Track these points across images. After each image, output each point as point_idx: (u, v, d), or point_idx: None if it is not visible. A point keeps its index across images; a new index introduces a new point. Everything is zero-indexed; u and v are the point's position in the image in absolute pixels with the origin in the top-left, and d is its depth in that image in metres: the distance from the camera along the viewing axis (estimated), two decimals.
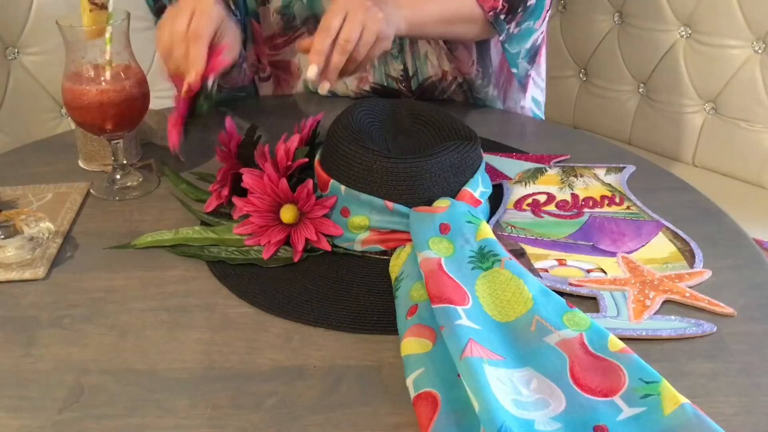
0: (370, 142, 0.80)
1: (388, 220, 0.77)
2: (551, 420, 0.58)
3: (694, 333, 0.68)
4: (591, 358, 0.62)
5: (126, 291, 0.75)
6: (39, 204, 0.90)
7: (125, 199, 0.92)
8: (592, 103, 1.69)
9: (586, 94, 1.69)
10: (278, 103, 1.24)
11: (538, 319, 0.66)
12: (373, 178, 0.77)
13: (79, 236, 0.84)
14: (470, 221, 0.75)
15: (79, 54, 0.86)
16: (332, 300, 0.73)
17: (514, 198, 0.89)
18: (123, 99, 0.86)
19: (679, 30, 1.50)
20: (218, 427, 0.59)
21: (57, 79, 0.89)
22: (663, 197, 0.89)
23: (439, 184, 0.77)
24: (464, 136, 0.82)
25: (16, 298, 0.74)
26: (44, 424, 0.60)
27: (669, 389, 0.59)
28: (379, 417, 0.60)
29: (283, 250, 0.79)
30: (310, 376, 0.64)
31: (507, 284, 0.69)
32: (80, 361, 0.66)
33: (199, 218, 0.86)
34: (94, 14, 0.85)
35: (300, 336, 0.69)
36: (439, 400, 0.59)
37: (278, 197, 0.78)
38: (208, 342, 0.68)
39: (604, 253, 0.79)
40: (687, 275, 0.74)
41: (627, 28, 1.58)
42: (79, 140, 0.99)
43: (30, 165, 1.01)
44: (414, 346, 0.64)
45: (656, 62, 1.55)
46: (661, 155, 1.58)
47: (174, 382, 0.64)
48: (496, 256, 0.71)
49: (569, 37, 1.68)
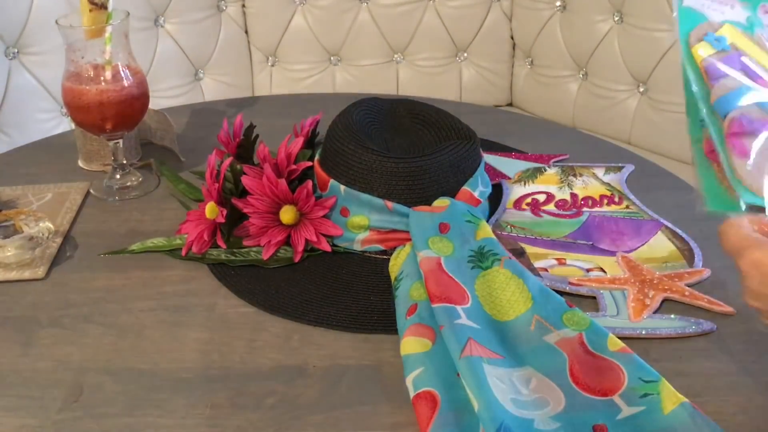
0: (370, 141, 0.80)
1: (387, 219, 0.77)
2: (551, 419, 0.58)
3: (693, 332, 0.68)
4: (590, 357, 0.62)
5: (126, 291, 0.75)
6: (39, 204, 0.90)
7: (125, 199, 0.92)
8: (592, 103, 1.69)
9: (586, 94, 1.69)
10: (277, 103, 1.24)
11: (537, 318, 0.66)
12: (372, 178, 0.77)
13: (78, 236, 0.85)
14: (470, 221, 0.75)
15: (79, 54, 0.86)
16: (332, 300, 0.73)
17: (514, 197, 0.89)
18: (123, 99, 0.86)
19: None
20: (217, 426, 0.59)
21: (57, 79, 0.89)
22: (662, 197, 0.89)
23: (438, 184, 0.77)
24: (464, 135, 0.82)
25: (16, 298, 0.75)
26: (44, 424, 0.60)
27: (668, 388, 0.59)
28: (379, 416, 0.60)
29: (283, 251, 0.79)
30: (310, 376, 0.64)
31: (507, 283, 0.68)
32: (80, 361, 0.66)
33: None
34: (94, 14, 0.85)
35: (300, 336, 0.69)
36: (439, 400, 0.59)
37: (278, 198, 0.78)
38: (208, 342, 0.68)
39: (604, 253, 0.79)
40: (686, 274, 0.74)
41: (627, 27, 1.58)
42: (79, 140, 0.99)
43: (30, 165, 1.01)
44: (414, 345, 0.64)
45: (656, 62, 1.55)
46: (661, 155, 1.58)
47: (173, 382, 0.64)
48: (496, 255, 0.71)
49: (569, 37, 1.68)
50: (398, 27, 1.74)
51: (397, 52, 1.77)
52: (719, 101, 0.71)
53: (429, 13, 1.73)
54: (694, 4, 0.79)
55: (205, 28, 1.68)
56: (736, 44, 0.76)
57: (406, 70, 1.79)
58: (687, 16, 0.80)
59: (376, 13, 1.72)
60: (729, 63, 0.75)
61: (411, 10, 1.72)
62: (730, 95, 0.71)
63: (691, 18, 0.79)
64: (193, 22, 1.66)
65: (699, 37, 0.77)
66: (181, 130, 1.10)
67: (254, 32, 1.74)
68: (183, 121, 1.14)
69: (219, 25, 1.70)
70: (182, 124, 1.13)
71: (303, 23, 1.73)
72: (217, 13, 1.70)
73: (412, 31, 1.74)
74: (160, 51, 1.64)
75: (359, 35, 1.74)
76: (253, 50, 1.76)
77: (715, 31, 0.77)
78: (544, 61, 1.74)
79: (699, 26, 0.78)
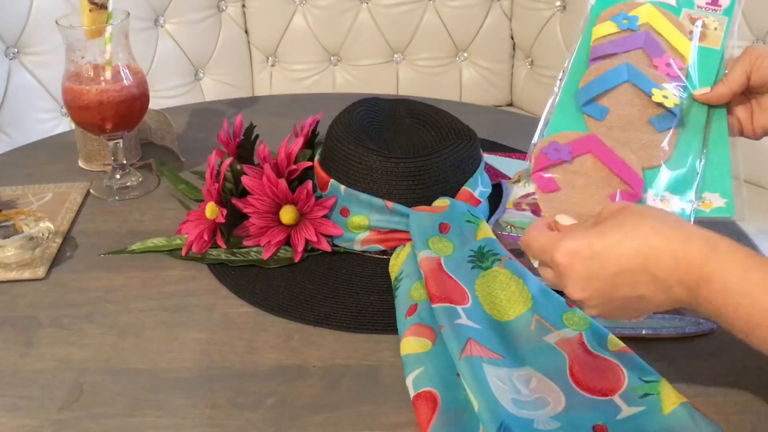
0: (370, 141, 0.80)
1: (387, 219, 0.77)
2: (551, 419, 0.58)
3: (693, 332, 0.68)
4: (590, 357, 0.62)
5: (125, 291, 0.75)
6: (39, 204, 0.90)
7: (125, 199, 0.92)
8: None
9: None
10: (277, 103, 1.24)
11: (537, 318, 0.66)
12: (372, 178, 0.77)
13: (78, 236, 0.85)
14: (470, 221, 0.75)
15: (79, 54, 0.86)
16: (332, 300, 0.73)
17: (514, 197, 0.89)
18: (123, 99, 0.86)
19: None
20: (217, 426, 0.59)
21: (57, 79, 0.89)
22: None
23: (438, 184, 0.77)
24: (464, 135, 0.82)
25: (16, 298, 0.74)
26: (43, 424, 0.60)
27: (668, 388, 0.59)
28: (379, 416, 0.60)
29: (283, 251, 0.79)
30: (310, 376, 0.64)
31: (507, 283, 0.68)
32: (80, 361, 0.66)
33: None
34: (94, 14, 0.85)
35: (300, 336, 0.69)
36: (439, 400, 0.59)
37: (278, 198, 0.78)
38: (208, 342, 0.68)
39: None
40: None
41: None
42: (79, 140, 0.99)
43: (30, 165, 1.01)
44: (413, 345, 0.64)
45: None
46: None
47: (173, 382, 0.64)
48: (496, 255, 0.71)
49: (569, 37, 1.68)
50: (398, 27, 1.74)
51: (397, 52, 1.77)
52: (585, 87, 0.72)
53: (429, 13, 1.73)
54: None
55: (205, 28, 1.68)
56: (651, 24, 0.76)
57: (406, 70, 1.79)
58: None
59: (376, 13, 1.72)
60: (625, 43, 0.75)
61: (411, 10, 1.72)
62: (594, 81, 0.72)
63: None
64: (193, 22, 1.66)
65: (608, 17, 0.77)
66: (181, 130, 1.10)
67: (254, 32, 1.74)
68: (183, 121, 1.14)
69: (219, 25, 1.70)
70: (182, 124, 1.13)
71: (303, 23, 1.73)
72: (217, 13, 1.70)
73: (412, 31, 1.74)
74: (160, 51, 1.64)
75: (359, 35, 1.74)
76: (253, 50, 1.76)
77: (630, 11, 0.76)
78: (544, 61, 1.74)
79: (615, 5, 0.78)
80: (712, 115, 0.71)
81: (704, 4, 0.76)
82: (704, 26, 0.75)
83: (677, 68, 0.72)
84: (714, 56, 0.73)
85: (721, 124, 0.70)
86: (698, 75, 0.72)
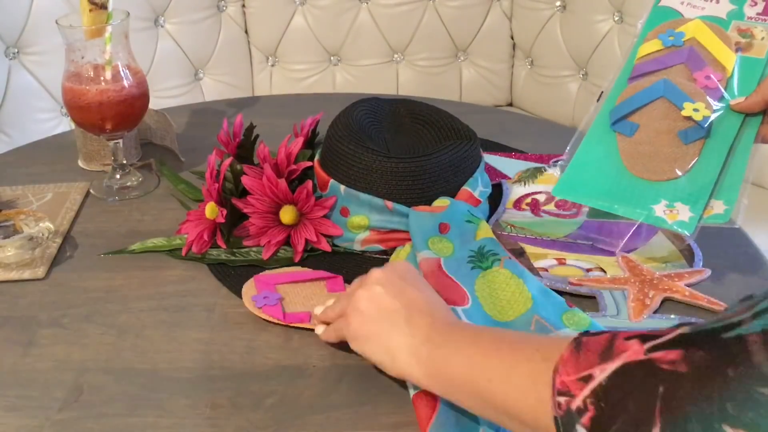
0: (370, 141, 0.80)
1: (387, 219, 0.77)
2: None
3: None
4: None
5: (125, 291, 0.75)
6: (39, 204, 0.90)
7: (125, 199, 0.92)
8: (592, 103, 1.69)
9: (586, 94, 1.69)
10: (277, 103, 1.24)
11: (537, 318, 0.66)
12: (372, 178, 0.77)
13: (78, 236, 0.85)
14: (470, 221, 0.75)
15: (79, 54, 0.86)
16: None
17: (514, 197, 0.89)
18: (123, 99, 0.86)
19: None
20: (217, 426, 0.59)
21: (57, 79, 0.89)
22: None
23: (438, 184, 0.77)
24: (463, 135, 0.82)
25: (16, 298, 0.75)
26: (44, 424, 0.60)
27: None
28: (379, 416, 0.60)
29: (283, 251, 0.79)
30: (310, 376, 0.64)
31: (506, 284, 0.68)
32: (80, 361, 0.66)
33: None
34: (94, 14, 0.85)
35: (300, 336, 0.69)
36: (439, 400, 0.59)
37: (278, 198, 0.78)
38: (208, 342, 0.68)
39: (604, 252, 0.79)
40: (686, 274, 0.74)
41: (627, 27, 1.58)
42: (78, 140, 0.99)
43: (30, 165, 1.01)
44: None
45: None
46: None
47: (173, 382, 0.64)
48: (496, 255, 0.71)
49: (569, 37, 1.68)
50: (398, 27, 1.74)
51: (397, 52, 1.77)
52: (618, 106, 0.74)
53: (429, 13, 1.73)
54: (671, 3, 0.79)
55: (205, 28, 1.68)
56: (697, 38, 0.76)
57: (406, 70, 1.79)
58: (659, 14, 0.80)
59: (376, 13, 1.72)
60: (668, 59, 0.76)
61: (411, 10, 1.72)
62: (627, 100, 0.73)
63: (662, 16, 0.80)
64: (193, 22, 1.66)
65: (655, 36, 0.78)
66: (181, 130, 1.10)
67: (254, 32, 1.74)
68: (183, 121, 1.14)
69: (219, 25, 1.70)
70: (182, 124, 1.13)
71: (303, 23, 1.73)
72: (217, 13, 1.70)
73: (412, 31, 1.74)
74: (160, 51, 1.64)
75: (359, 35, 1.74)
76: (253, 50, 1.76)
77: (677, 28, 0.77)
78: (544, 61, 1.74)
79: (663, 24, 0.79)
80: (746, 124, 0.71)
81: (755, 14, 0.76)
82: (752, 36, 0.75)
83: (716, 80, 0.73)
84: (757, 66, 0.73)
85: (751, 133, 0.71)
86: (738, 85, 0.73)
